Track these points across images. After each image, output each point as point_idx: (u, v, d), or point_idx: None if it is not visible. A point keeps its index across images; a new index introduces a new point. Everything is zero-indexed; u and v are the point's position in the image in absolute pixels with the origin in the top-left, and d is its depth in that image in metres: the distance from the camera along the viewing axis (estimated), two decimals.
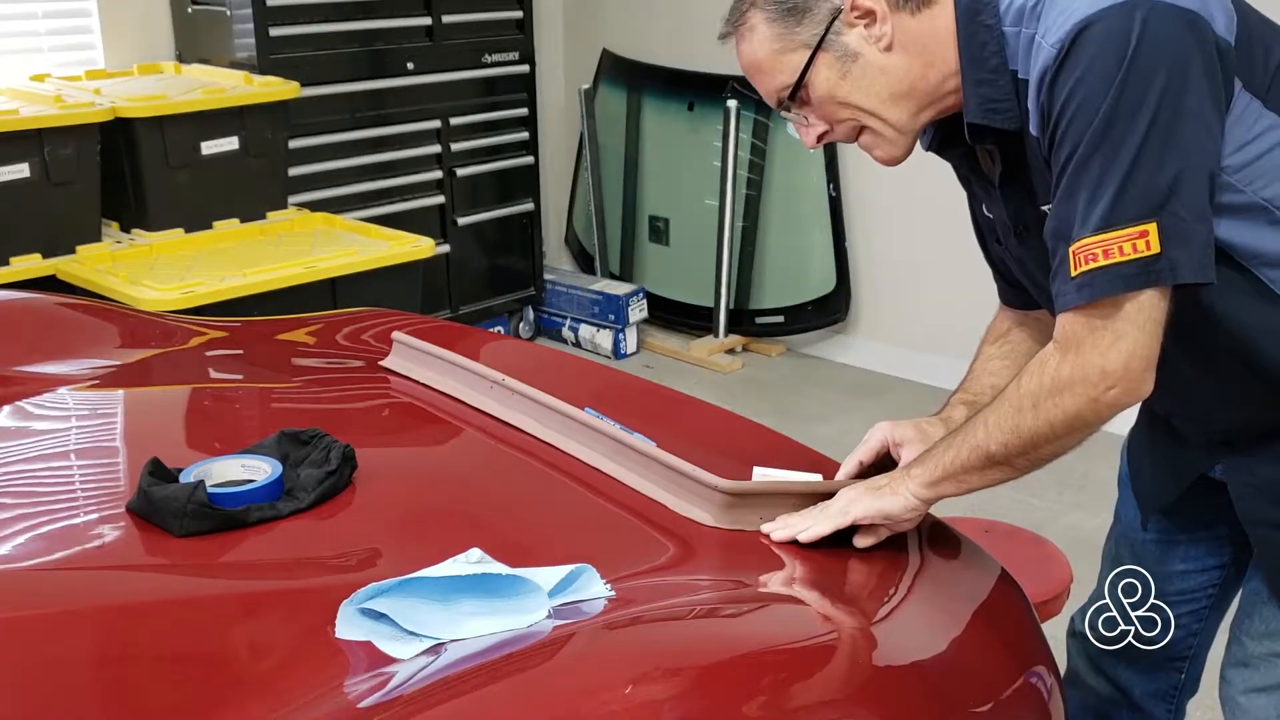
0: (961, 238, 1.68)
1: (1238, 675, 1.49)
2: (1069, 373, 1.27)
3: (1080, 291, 1.24)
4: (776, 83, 1.38)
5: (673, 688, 1.10)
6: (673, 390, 2.07)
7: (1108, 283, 1.22)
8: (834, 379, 4.36)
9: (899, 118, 1.36)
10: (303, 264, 3.11)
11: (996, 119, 1.32)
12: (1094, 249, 1.22)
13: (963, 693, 1.26)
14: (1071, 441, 1.32)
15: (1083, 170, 1.22)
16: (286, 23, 3.76)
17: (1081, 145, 1.22)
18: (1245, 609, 1.49)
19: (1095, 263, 1.22)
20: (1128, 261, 1.21)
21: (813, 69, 1.34)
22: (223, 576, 1.32)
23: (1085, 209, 1.23)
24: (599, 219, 4.86)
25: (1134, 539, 1.67)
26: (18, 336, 1.94)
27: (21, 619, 1.19)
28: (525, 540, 1.39)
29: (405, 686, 1.09)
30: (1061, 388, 1.28)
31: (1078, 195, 1.23)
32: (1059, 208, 1.26)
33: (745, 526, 1.44)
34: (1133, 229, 1.21)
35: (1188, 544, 1.62)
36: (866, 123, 1.38)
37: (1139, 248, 1.21)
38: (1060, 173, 1.25)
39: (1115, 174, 1.20)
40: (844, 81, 1.35)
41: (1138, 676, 1.70)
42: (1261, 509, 1.43)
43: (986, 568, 1.48)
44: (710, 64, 4.41)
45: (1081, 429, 1.30)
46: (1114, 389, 1.26)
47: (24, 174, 3.04)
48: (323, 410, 1.81)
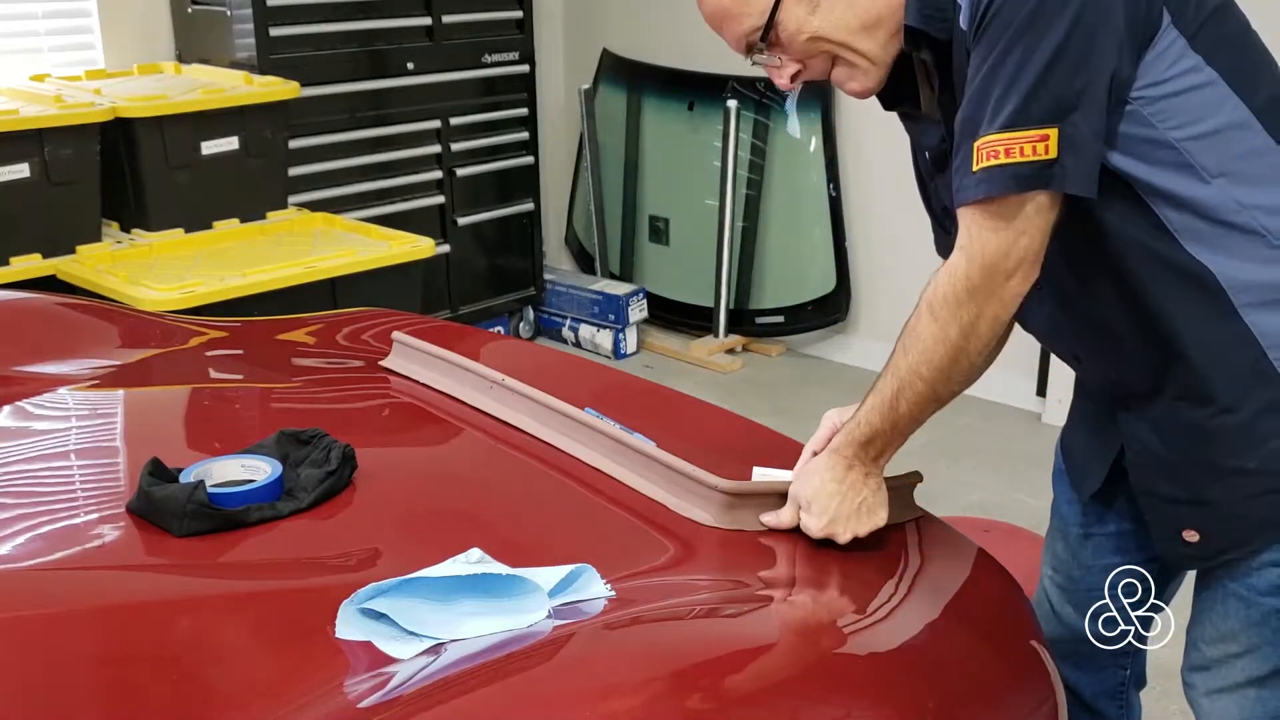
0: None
1: (1199, 679, 1.50)
2: (979, 275, 1.29)
3: (978, 187, 1.27)
4: (745, 27, 1.38)
5: (673, 688, 1.10)
6: (673, 390, 2.07)
7: (1003, 181, 1.25)
8: (834, 379, 4.36)
9: (871, 48, 1.37)
10: (303, 264, 3.11)
11: (933, 25, 1.33)
12: (997, 146, 1.25)
13: (963, 692, 1.26)
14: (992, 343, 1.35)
15: (999, 65, 1.25)
16: (286, 23, 3.75)
17: (1003, 40, 1.24)
18: (1196, 615, 1.49)
19: (996, 160, 1.25)
20: (1025, 163, 1.24)
21: (781, 8, 1.35)
22: (223, 576, 1.32)
23: (995, 105, 1.25)
24: (599, 219, 4.86)
25: (1069, 534, 1.67)
26: (18, 336, 1.94)
27: (21, 619, 1.19)
28: (525, 540, 1.39)
29: (405, 686, 1.09)
30: (976, 294, 1.30)
31: (991, 90, 1.25)
32: (972, 100, 1.28)
33: (745, 526, 1.44)
34: (1035, 131, 1.24)
35: (1118, 536, 1.61)
36: (840, 54, 1.38)
37: (1038, 150, 1.24)
38: (978, 67, 1.27)
39: (1029, 73, 1.23)
40: (813, 16, 1.35)
41: (1085, 677, 1.70)
42: (1150, 479, 1.45)
43: (986, 567, 1.48)
44: (710, 64, 4.41)
45: (1000, 329, 1.34)
46: (1014, 279, 1.30)
47: (24, 174, 3.04)
48: (323, 410, 1.81)
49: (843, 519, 1.40)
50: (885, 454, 1.42)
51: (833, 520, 1.40)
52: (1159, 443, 1.42)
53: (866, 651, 1.27)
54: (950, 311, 1.32)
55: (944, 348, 1.33)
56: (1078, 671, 1.70)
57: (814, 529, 1.41)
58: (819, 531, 1.41)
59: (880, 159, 4.20)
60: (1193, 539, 1.42)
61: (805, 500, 1.42)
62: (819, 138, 4.31)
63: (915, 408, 1.38)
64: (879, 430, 1.40)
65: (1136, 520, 1.57)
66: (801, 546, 1.42)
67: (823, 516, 1.40)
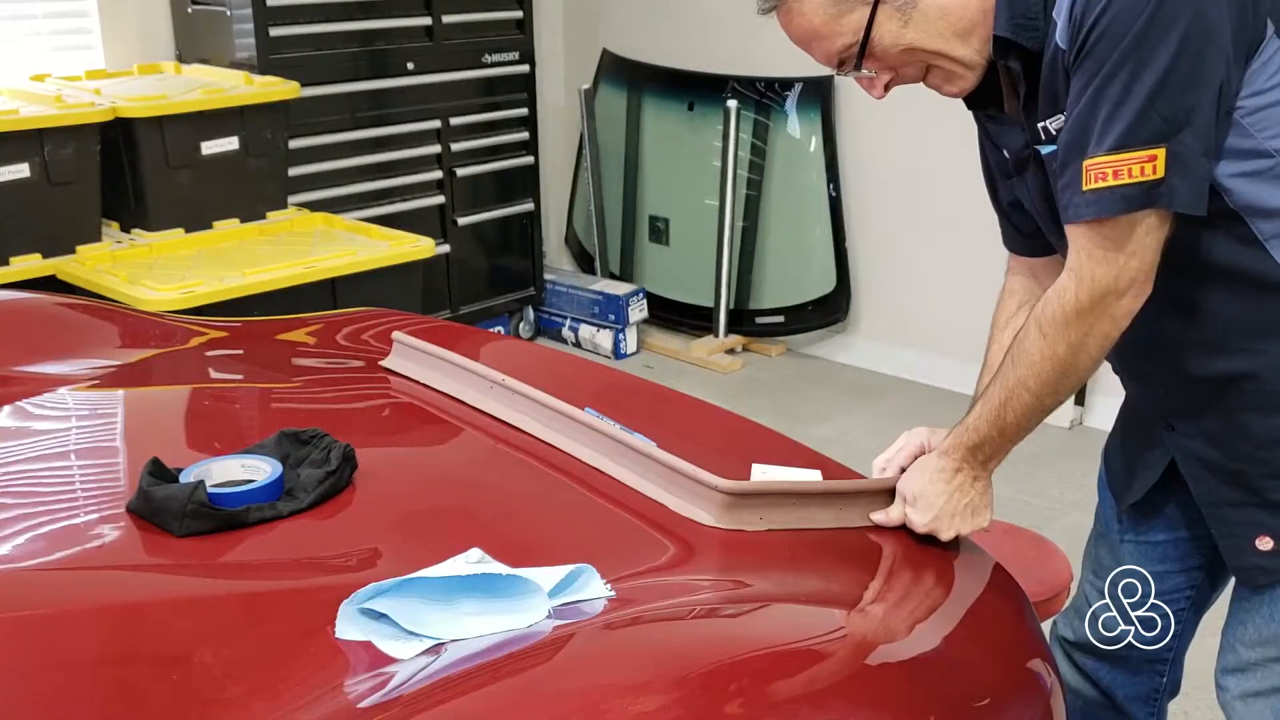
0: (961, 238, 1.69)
1: (1234, 681, 1.50)
2: (1088, 298, 1.31)
3: (1088, 208, 1.28)
4: (838, 45, 1.38)
5: (672, 688, 1.10)
6: (673, 390, 2.07)
7: (1113, 202, 1.26)
8: (834, 379, 4.36)
9: (965, 54, 1.36)
10: (303, 264, 3.11)
11: (1023, 35, 1.32)
12: (1105, 168, 1.26)
13: (963, 692, 1.26)
14: (1101, 359, 1.36)
15: (1106, 85, 1.25)
16: (286, 23, 3.75)
17: (1109, 61, 1.24)
18: (1238, 616, 1.50)
19: (1104, 182, 1.26)
20: (1134, 184, 1.25)
21: (875, 24, 1.35)
22: (223, 576, 1.32)
23: (1103, 125, 1.25)
24: (599, 219, 4.86)
25: (1113, 540, 1.68)
26: (18, 336, 1.94)
27: (21, 619, 1.19)
28: (525, 540, 1.39)
29: (405, 686, 1.09)
30: (1085, 315, 1.32)
31: (1098, 110, 1.25)
32: (1078, 119, 1.28)
33: (745, 526, 1.44)
34: (1143, 152, 1.24)
35: (1165, 545, 1.63)
36: (935, 63, 1.39)
37: (1146, 171, 1.24)
38: (1083, 86, 1.27)
39: (1138, 94, 1.23)
40: (906, 29, 1.35)
41: (1121, 680, 1.71)
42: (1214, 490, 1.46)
43: (986, 566, 1.48)
44: (710, 64, 4.41)
45: (1109, 345, 1.35)
46: (1125, 299, 1.31)
47: (24, 174, 3.04)
48: (323, 410, 1.81)
49: (947, 516, 1.45)
50: (993, 459, 1.46)
51: (937, 517, 1.45)
52: (1221, 455, 1.43)
53: (866, 651, 1.27)
54: (1058, 330, 1.34)
55: (1051, 364, 1.36)
56: (1113, 673, 1.70)
57: (919, 524, 1.45)
58: (923, 527, 1.45)
59: (880, 159, 4.20)
60: (1266, 546, 1.42)
61: (912, 495, 1.46)
62: (819, 138, 4.31)
63: (1022, 417, 1.41)
64: (986, 436, 1.43)
65: (1184, 530, 1.59)
66: (801, 547, 1.42)
67: (928, 513, 1.45)
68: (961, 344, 4.14)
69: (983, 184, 1.59)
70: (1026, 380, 1.38)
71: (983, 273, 1.64)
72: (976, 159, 1.57)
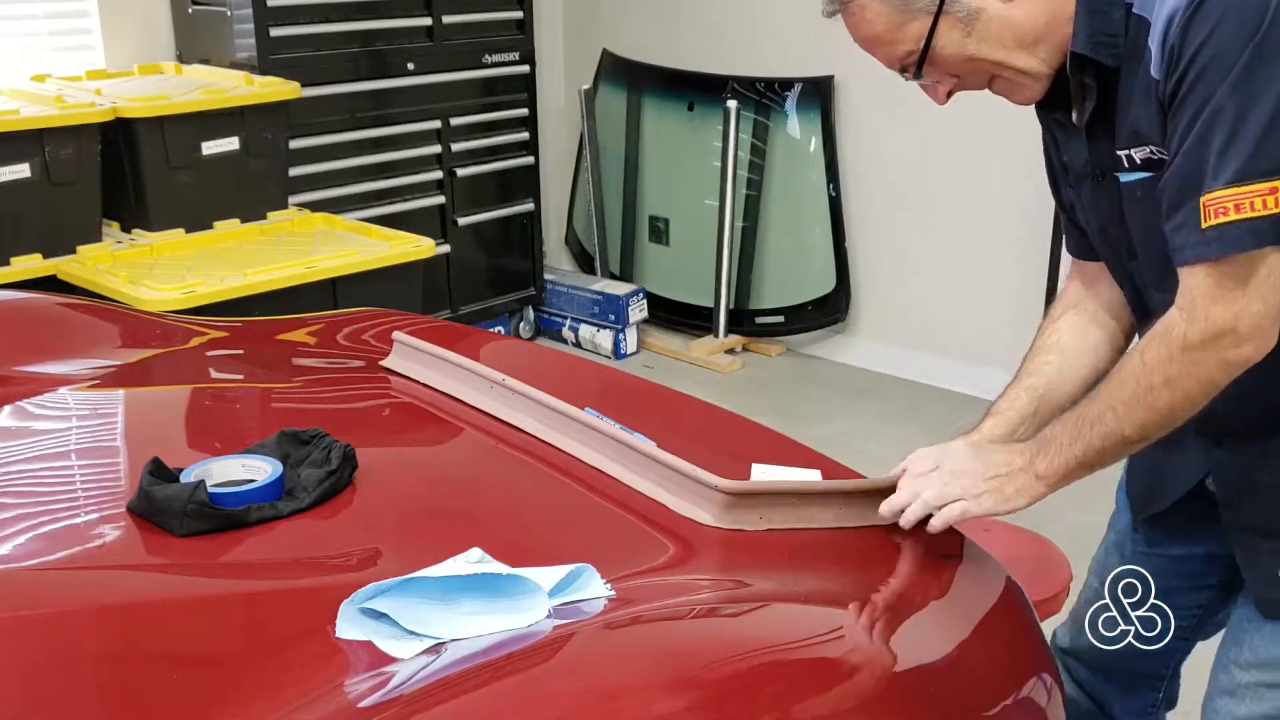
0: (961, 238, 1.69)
1: (1224, 704, 1.48)
2: (1199, 337, 1.26)
3: (1211, 246, 1.22)
4: (900, 52, 1.36)
5: (672, 687, 1.10)
6: (673, 390, 2.07)
7: (1239, 237, 1.21)
8: (834, 379, 4.36)
9: (1030, 64, 1.35)
10: (303, 264, 3.11)
11: (1102, 52, 1.31)
12: (1226, 202, 1.21)
13: (963, 692, 1.26)
14: (1203, 403, 1.30)
15: (1217, 117, 1.21)
16: (286, 23, 3.75)
17: (1216, 93, 1.20)
18: (1234, 636, 1.48)
19: (1226, 216, 1.21)
20: (1261, 217, 1.20)
21: (936, 34, 1.33)
22: (223, 576, 1.32)
23: (1218, 159, 1.21)
24: (599, 219, 4.86)
25: (1127, 549, 1.66)
26: (18, 336, 1.94)
27: (21, 619, 1.19)
28: (525, 540, 1.39)
29: (405, 686, 1.09)
30: (1193, 353, 1.27)
31: (1209, 144, 1.21)
32: (1188, 155, 1.24)
33: (745, 526, 1.44)
34: (1265, 184, 1.20)
35: (1181, 560, 1.61)
36: (998, 73, 1.37)
37: (1268, 204, 1.20)
38: (1191, 119, 1.23)
39: (1253, 126, 1.19)
40: (969, 39, 1.34)
41: (1118, 693, 1.70)
42: (1245, 514, 1.42)
43: (986, 566, 1.48)
44: (710, 64, 4.41)
45: (1214, 391, 1.29)
46: (1244, 346, 1.26)
47: (24, 174, 3.04)
48: (323, 410, 1.81)
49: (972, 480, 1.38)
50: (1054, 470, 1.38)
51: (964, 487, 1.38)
52: (1269, 477, 1.40)
53: (866, 651, 1.27)
54: (1160, 363, 1.29)
55: (1145, 395, 1.30)
56: (1109, 686, 1.69)
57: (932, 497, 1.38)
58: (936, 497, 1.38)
59: (880, 159, 4.20)
60: None
61: (938, 460, 1.40)
62: (819, 138, 4.31)
63: (1105, 438, 1.34)
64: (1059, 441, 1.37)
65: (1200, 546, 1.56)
66: (801, 547, 1.42)
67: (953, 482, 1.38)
68: (961, 344, 4.15)
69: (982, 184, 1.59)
70: (1114, 405, 1.32)
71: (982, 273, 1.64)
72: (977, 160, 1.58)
